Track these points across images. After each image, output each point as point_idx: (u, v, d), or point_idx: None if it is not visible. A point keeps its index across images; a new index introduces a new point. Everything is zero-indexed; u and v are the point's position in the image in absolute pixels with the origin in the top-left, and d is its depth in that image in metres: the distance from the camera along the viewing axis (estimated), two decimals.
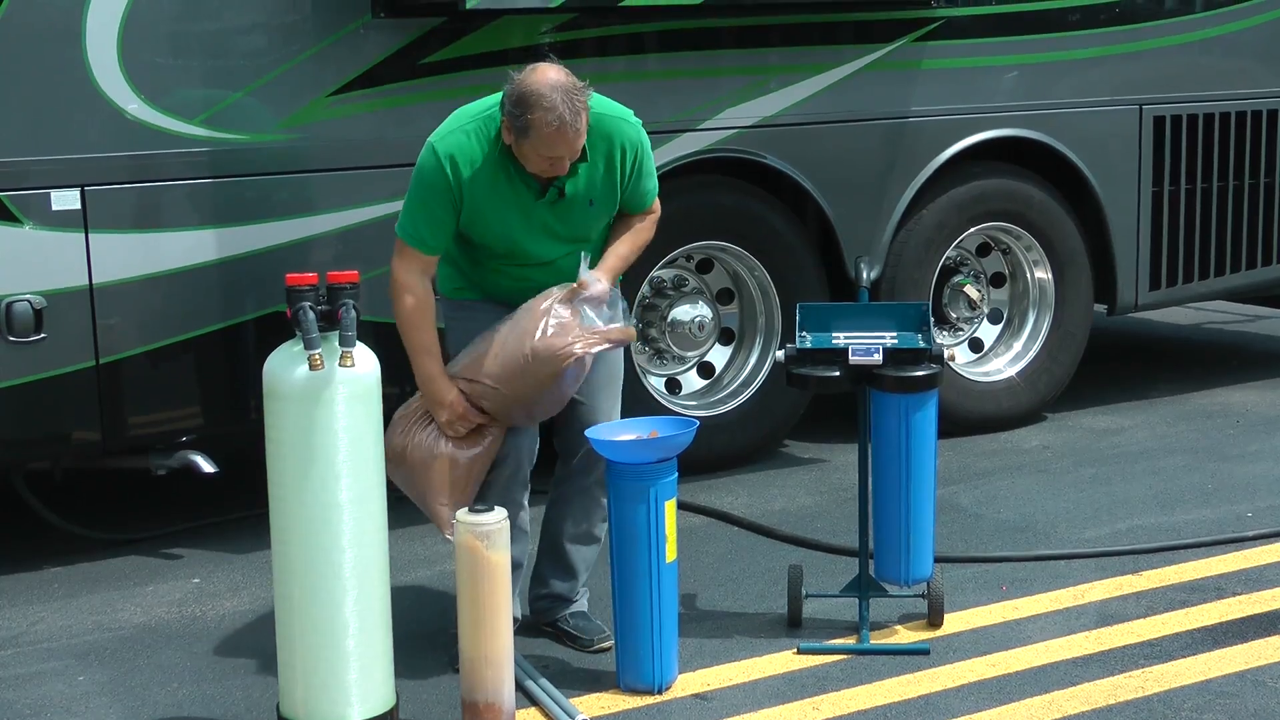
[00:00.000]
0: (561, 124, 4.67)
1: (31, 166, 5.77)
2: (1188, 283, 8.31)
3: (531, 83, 4.72)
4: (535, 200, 4.92)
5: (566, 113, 4.67)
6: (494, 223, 4.95)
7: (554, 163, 4.79)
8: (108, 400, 5.97)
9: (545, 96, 4.67)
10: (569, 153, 4.77)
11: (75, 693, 5.04)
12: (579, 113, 4.72)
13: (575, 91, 4.73)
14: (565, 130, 4.69)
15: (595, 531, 5.32)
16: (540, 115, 4.67)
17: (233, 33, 6.09)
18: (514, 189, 4.91)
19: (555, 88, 4.69)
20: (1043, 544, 6.19)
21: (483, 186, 4.88)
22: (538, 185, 4.90)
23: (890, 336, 5.27)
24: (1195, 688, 4.86)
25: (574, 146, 4.77)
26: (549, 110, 4.66)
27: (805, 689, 4.92)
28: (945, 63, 7.45)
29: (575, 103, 4.71)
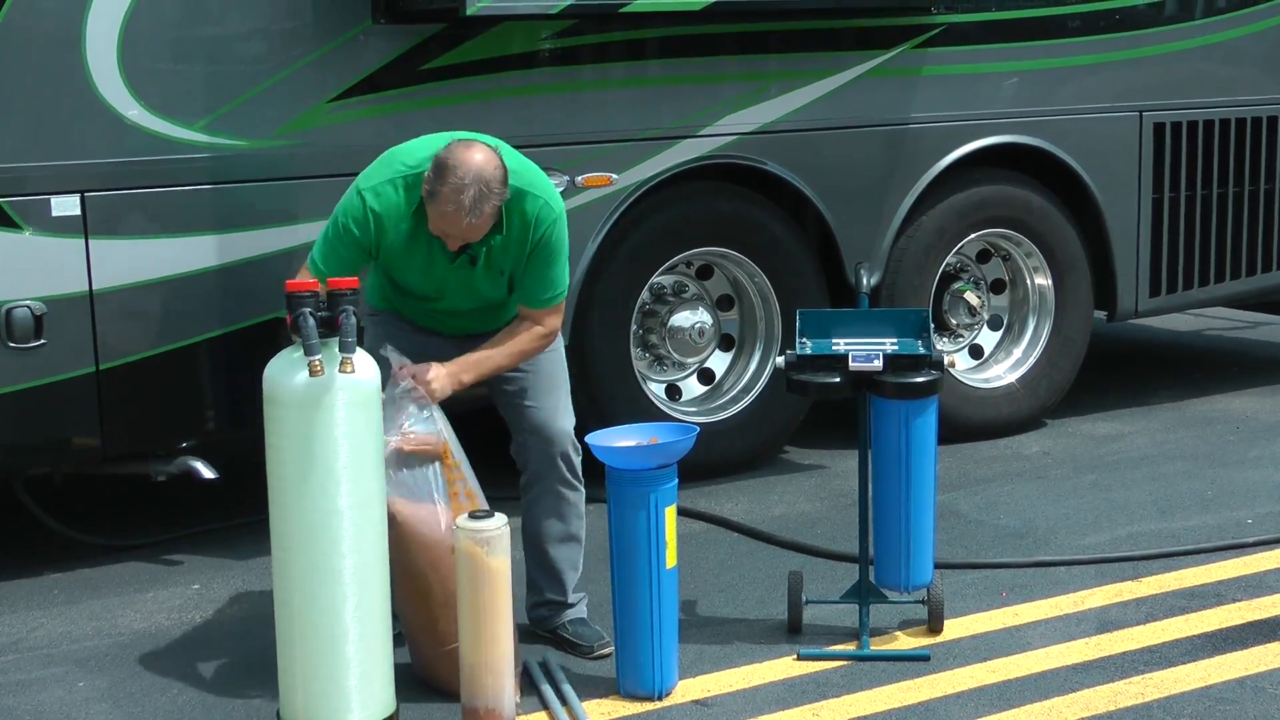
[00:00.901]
0: (458, 211, 4.70)
1: (31, 172, 5.77)
2: (1188, 289, 8.31)
3: (459, 159, 4.73)
4: (448, 264, 4.97)
5: (467, 202, 4.69)
6: (407, 273, 5.03)
7: (444, 235, 4.84)
8: (108, 406, 5.96)
9: (459, 177, 4.69)
10: (458, 235, 4.80)
11: (75, 699, 5.04)
12: (480, 211, 4.73)
13: (489, 189, 4.72)
14: (459, 218, 4.72)
15: (572, 530, 5.33)
16: (446, 192, 4.70)
17: (233, 38, 6.09)
18: (429, 249, 4.95)
19: (476, 177, 4.70)
20: (1043, 550, 6.19)
21: (400, 241, 4.94)
22: (451, 252, 4.94)
23: (890, 343, 5.28)
24: (1195, 694, 4.86)
25: (463, 235, 4.80)
26: (455, 192, 4.69)
27: (805, 695, 4.92)
28: (945, 69, 7.45)
29: (482, 202, 4.71)
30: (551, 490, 5.28)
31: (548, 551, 5.31)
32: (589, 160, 6.65)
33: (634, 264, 6.91)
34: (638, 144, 6.76)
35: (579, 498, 5.35)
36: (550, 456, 5.24)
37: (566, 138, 6.61)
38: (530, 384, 5.23)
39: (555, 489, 5.28)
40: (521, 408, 5.24)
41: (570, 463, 5.29)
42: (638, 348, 7.08)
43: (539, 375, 5.24)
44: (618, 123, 6.73)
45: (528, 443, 5.26)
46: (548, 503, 5.30)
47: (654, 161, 6.80)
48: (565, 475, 5.28)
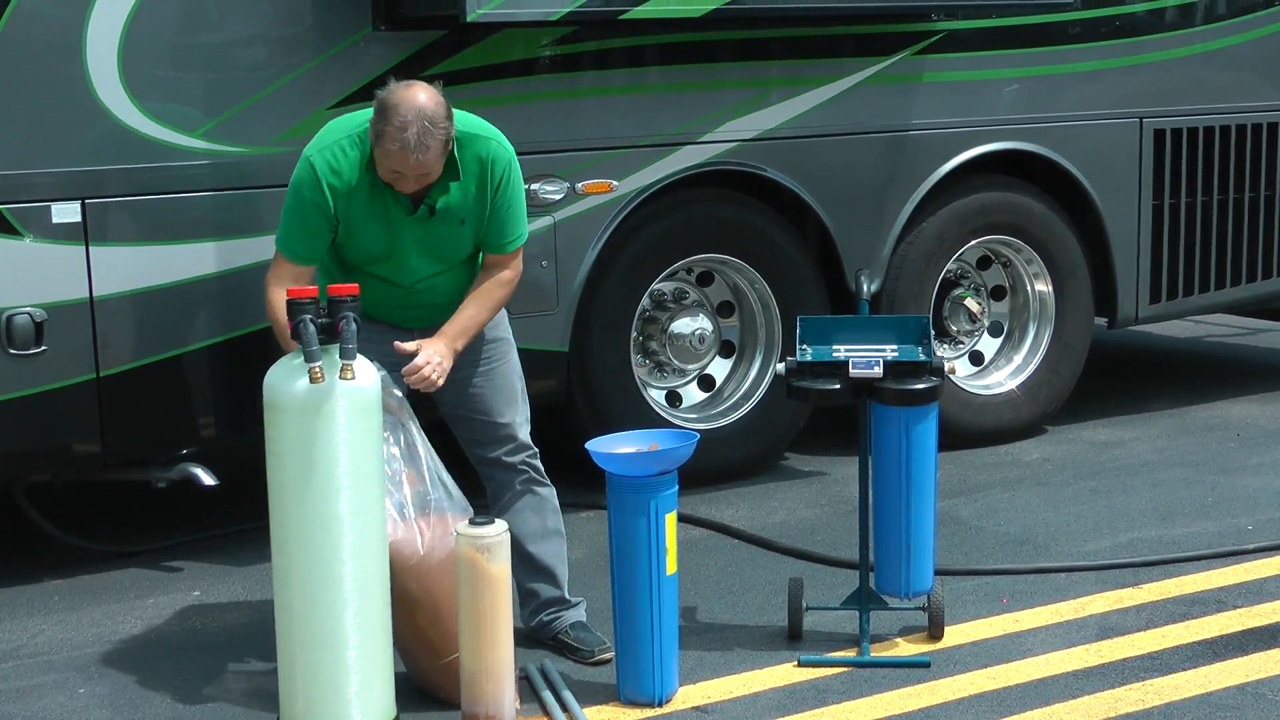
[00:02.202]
0: (405, 148, 4.67)
1: (32, 179, 5.77)
2: (1188, 296, 8.31)
3: (398, 97, 4.72)
4: (406, 216, 4.93)
5: (412, 139, 4.67)
6: (367, 238, 4.96)
7: (395, 179, 4.80)
8: (108, 413, 5.96)
9: (401, 115, 4.67)
10: (409, 173, 4.76)
11: (76, 705, 5.04)
12: (426, 146, 4.70)
13: (433, 124, 4.70)
14: (406, 155, 4.69)
15: (550, 525, 5.34)
16: (391, 131, 4.68)
17: (233, 45, 6.09)
18: (386, 204, 4.91)
19: (418, 113, 4.69)
20: (1043, 557, 6.19)
21: (357, 201, 4.89)
22: (409, 202, 4.91)
23: (891, 349, 5.28)
24: (1196, 700, 4.86)
25: (415, 170, 4.76)
26: (400, 129, 4.66)
27: (806, 701, 4.92)
28: (946, 76, 7.46)
29: (428, 136, 4.69)
30: (524, 493, 5.29)
31: (532, 552, 5.30)
32: (589, 167, 6.66)
33: (634, 270, 6.91)
34: (638, 151, 6.76)
35: (550, 493, 5.36)
36: (514, 465, 5.26)
37: (567, 144, 6.61)
38: (487, 398, 5.21)
39: (527, 491, 5.29)
40: (483, 424, 5.22)
41: (534, 466, 5.31)
42: (638, 354, 7.08)
43: (494, 388, 5.21)
44: (618, 129, 6.73)
45: (491, 458, 5.26)
46: (526, 505, 5.29)
47: (654, 168, 6.80)
48: (533, 477, 5.30)
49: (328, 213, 4.89)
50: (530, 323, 6.55)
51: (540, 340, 6.58)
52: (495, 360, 5.22)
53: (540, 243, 6.55)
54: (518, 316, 6.47)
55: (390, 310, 5.10)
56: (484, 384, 5.20)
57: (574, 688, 4.99)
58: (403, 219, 4.93)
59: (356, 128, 4.91)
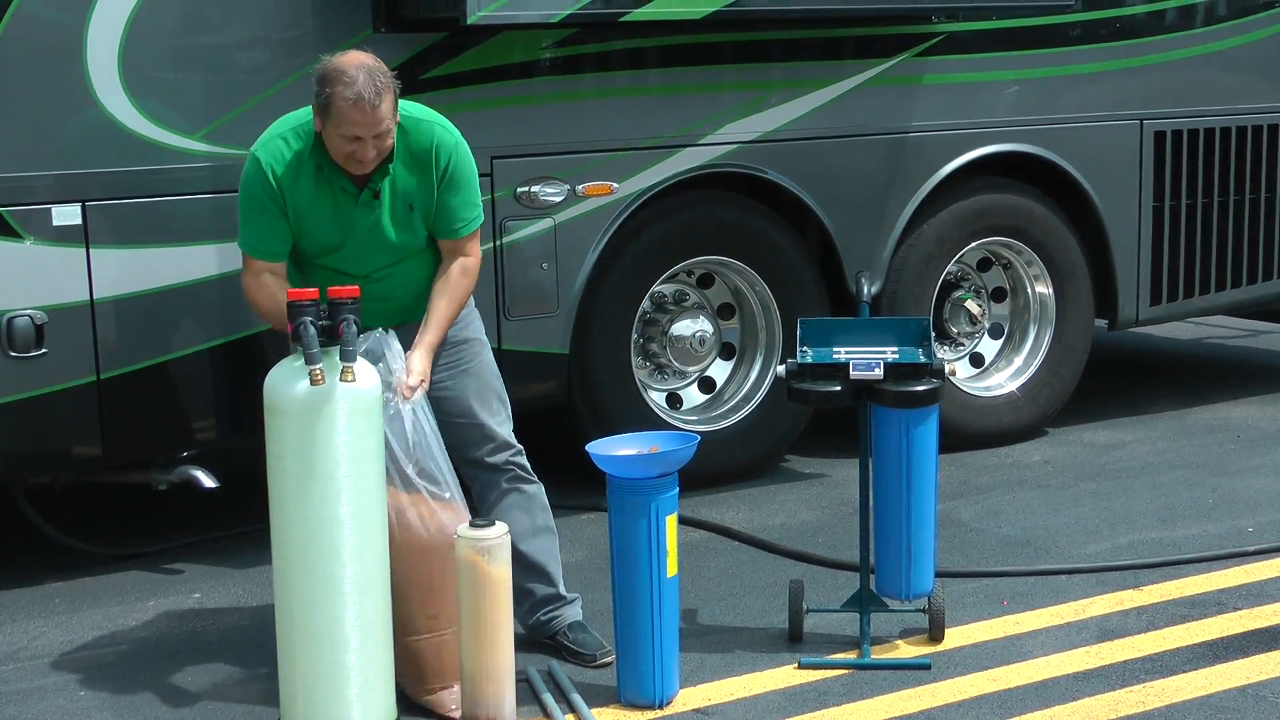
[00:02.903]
0: (359, 99, 4.62)
1: (32, 181, 5.77)
2: (1188, 298, 8.31)
3: (336, 61, 4.71)
4: (354, 204, 4.89)
5: (366, 90, 4.63)
6: (318, 230, 4.92)
7: (355, 147, 4.73)
8: (108, 415, 5.96)
9: (346, 72, 4.65)
10: (366, 132, 4.70)
11: (77, 708, 5.04)
12: (380, 93, 4.66)
13: (379, 73, 4.70)
14: (363, 105, 4.63)
15: (539, 522, 5.32)
16: (340, 90, 4.63)
17: (234, 48, 6.09)
18: (333, 193, 4.88)
19: (359, 66, 4.67)
20: (1044, 559, 6.19)
21: (303, 193, 4.87)
22: (354, 188, 4.88)
23: (891, 351, 5.27)
24: (1196, 703, 4.86)
25: (373, 126, 4.69)
26: (349, 85, 4.63)
27: (806, 704, 4.92)
28: (946, 78, 7.46)
29: (377, 82, 4.66)
30: (509, 492, 5.27)
31: (524, 550, 5.27)
32: (590, 169, 6.66)
33: (635, 272, 6.91)
34: (639, 153, 6.77)
35: (538, 490, 5.34)
36: (498, 465, 5.24)
37: (567, 146, 6.61)
38: (462, 400, 5.17)
39: (514, 490, 5.28)
40: (462, 427, 5.19)
41: (519, 464, 5.30)
42: (638, 356, 7.08)
43: (467, 390, 5.18)
44: (619, 132, 6.73)
45: (474, 460, 5.24)
46: (508, 503, 5.27)
47: (655, 170, 6.80)
48: (518, 474, 5.28)
49: (280, 204, 4.86)
50: (530, 325, 6.55)
51: (540, 342, 6.59)
52: (467, 361, 5.19)
53: (541, 245, 6.55)
54: (518, 318, 6.50)
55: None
56: (457, 386, 5.16)
57: (575, 689, 4.99)
58: (350, 206, 4.89)
59: (298, 121, 4.90)
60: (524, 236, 6.49)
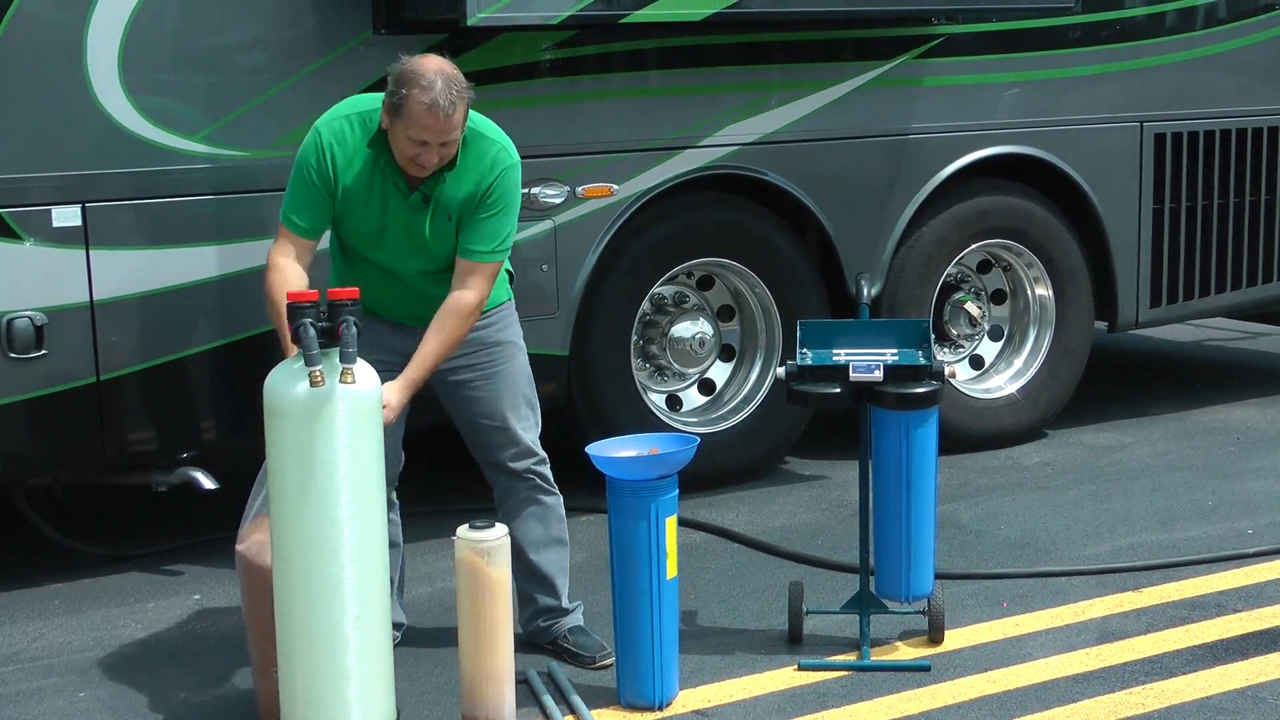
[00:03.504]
0: (434, 105, 4.65)
1: (32, 183, 5.77)
2: (1188, 300, 8.31)
3: (415, 64, 4.73)
4: (402, 201, 4.91)
5: (441, 97, 4.65)
6: (361, 218, 4.95)
7: (419, 151, 4.75)
8: (108, 417, 5.96)
9: (424, 76, 4.68)
10: (434, 139, 4.72)
11: (77, 709, 5.04)
12: (455, 103, 4.69)
13: (457, 84, 4.72)
14: (436, 112, 4.66)
15: (554, 534, 5.32)
16: (416, 93, 4.66)
17: (233, 49, 6.09)
18: (385, 186, 4.90)
19: (438, 72, 4.70)
20: (1043, 561, 6.19)
21: (356, 177, 4.89)
22: (406, 188, 4.90)
23: (891, 353, 5.27)
24: (1196, 704, 4.86)
25: (442, 134, 4.72)
26: (426, 89, 4.65)
27: (806, 705, 4.92)
28: (946, 80, 7.46)
29: (453, 92, 4.69)
30: (528, 500, 5.27)
31: (533, 559, 5.29)
32: (590, 171, 6.66)
33: (634, 274, 6.91)
34: (638, 154, 6.77)
35: (556, 502, 5.34)
36: (519, 472, 5.24)
37: (567, 148, 6.61)
38: (489, 403, 5.18)
39: (534, 498, 5.28)
40: (488, 429, 5.20)
41: (542, 473, 5.29)
42: (638, 358, 7.08)
43: (496, 393, 5.18)
44: (618, 133, 6.74)
45: (496, 463, 5.25)
46: (531, 512, 5.28)
47: (655, 172, 6.80)
48: (539, 484, 5.28)
49: (329, 183, 4.88)
50: (531, 326, 6.51)
51: (541, 344, 6.58)
52: (500, 364, 5.19)
53: (541, 246, 6.56)
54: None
55: (390, 304, 5.10)
56: (486, 388, 5.17)
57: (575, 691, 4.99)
58: (399, 204, 4.91)
59: (365, 106, 4.92)
60: (524, 238, 6.49)
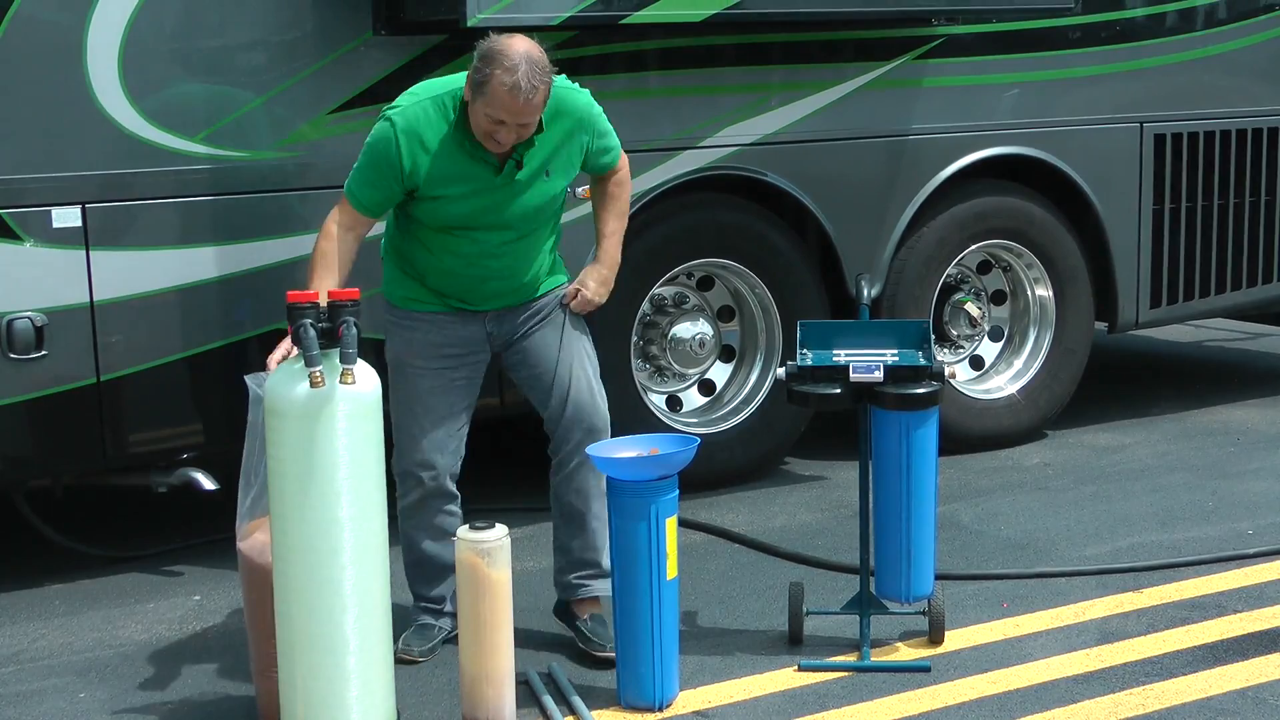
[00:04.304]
0: (515, 88, 4.70)
1: (32, 184, 5.77)
2: (1189, 300, 8.31)
3: (502, 44, 4.77)
4: (493, 176, 4.95)
5: (524, 81, 4.70)
6: (450, 199, 4.98)
7: (496, 129, 4.80)
8: (108, 417, 5.97)
9: (509, 57, 4.72)
10: (512, 120, 4.77)
11: (76, 710, 5.04)
12: (536, 88, 4.74)
13: (540, 67, 4.77)
14: (517, 95, 4.71)
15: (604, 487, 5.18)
16: (499, 74, 4.71)
17: (233, 50, 6.10)
18: (473, 164, 4.94)
19: (524, 56, 4.74)
20: (1043, 561, 6.19)
21: (440, 161, 4.92)
22: (495, 161, 4.93)
23: (891, 354, 5.27)
24: (1196, 705, 4.86)
25: (520, 116, 4.78)
26: (509, 71, 4.70)
27: (806, 706, 4.92)
28: (946, 80, 7.46)
29: (535, 77, 4.73)
30: (584, 444, 5.22)
31: (583, 511, 5.29)
32: None
33: (635, 275, 6.90)
34: (638, 155, 6.73)
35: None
36: (591, 431, 5.25)
37: None
38: (557, 351, 5.25)
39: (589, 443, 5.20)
40: (550, 377, 5.24)
41: (599, 427, 5.30)
42: (638, 359, 7.08)
43: (565, 342, 5.27)
44: (618, 134, 6.71)
45: (566, 417, 5.25)
46: (580, 458, 5.24)
47: (655, 173, 6.81)
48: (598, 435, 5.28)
49: (398, 172, 4.92)
50: None
51: None
52: (566, 322, 5.30)
53: None
54: None
55: (459, 285, 5.14)
56: (552, 339, 5.25)
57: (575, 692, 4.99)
58: (490, 177, 4.96)
59: (445, 88, 4.95)
60: None
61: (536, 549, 6.35)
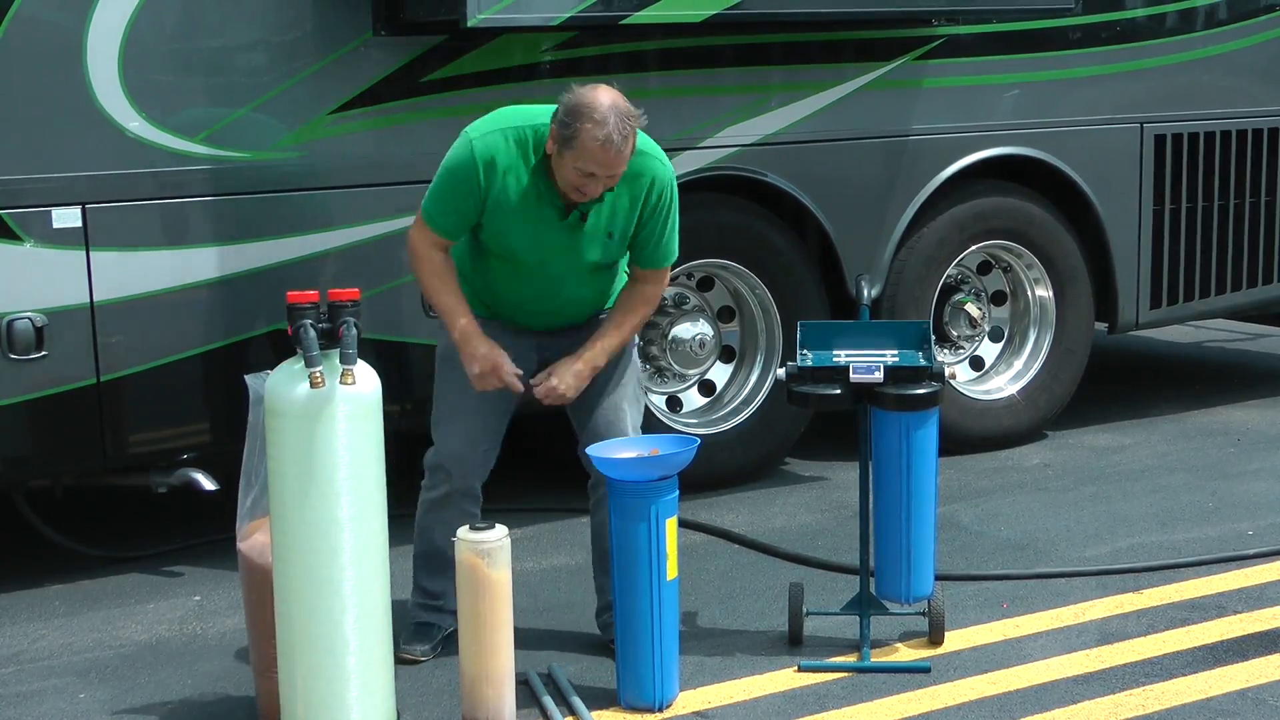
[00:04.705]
0: (607, 142, 4.69)
1: (32, 184, 5.77)
2: (1188, 301, 8.31)
3: (590, 96, 4.75)
4: (558, 220, 4.95)
5: (615, 134, 4.69)
6: (511, 234, 4.98)
7: (585, 182, 4.80)
8: (108, 418, 5.97)
9: (599, 110, 4.70)
10: (603, 172, 4.77)
11: (76, 710, 5.04)
12: (626, 138, 4.74)
13: (628, 117, 4.76)
14: (609, 149, 4.70)
15: None
16: (590, 128, 4.69)
17: (233, 51, 6.10)
18: (540, 205, 4.93)
19: (612, 108, 4.73)
20: (1043, 562, 6.19)
21: (511, 194, 4.92)
22: (562, 206, 4.93)
23: (891, 354, 5.27)
24: (1196, 706, 4.86)
25: (611, 168, 4.77)
26: (599, 124, 4.69)
27: (806, 707, 4.92)
28: (946, 81, 7.46)
29: (625, 127, 4.73)
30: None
31: None
32: None
33: None
34: None
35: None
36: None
37: None
38: (603, 387, 5.25)
39: None
40: (595, 411, 5.25)
41: None
42: (638, 359, 7.06)
43: (612, 379, 5.26)
44: None
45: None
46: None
47: None
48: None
49: (477, 198, 4.92)
50: None
51: None
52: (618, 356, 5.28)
53: None
54: None
55: (515, 308, 5.16)
56: (601, 373, 5.22)
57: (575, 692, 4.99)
58: (554, 222, 4.96)
59: (526, 120, 4.95)
60: None
61: (536, 549, 6.36)
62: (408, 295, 6.34)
